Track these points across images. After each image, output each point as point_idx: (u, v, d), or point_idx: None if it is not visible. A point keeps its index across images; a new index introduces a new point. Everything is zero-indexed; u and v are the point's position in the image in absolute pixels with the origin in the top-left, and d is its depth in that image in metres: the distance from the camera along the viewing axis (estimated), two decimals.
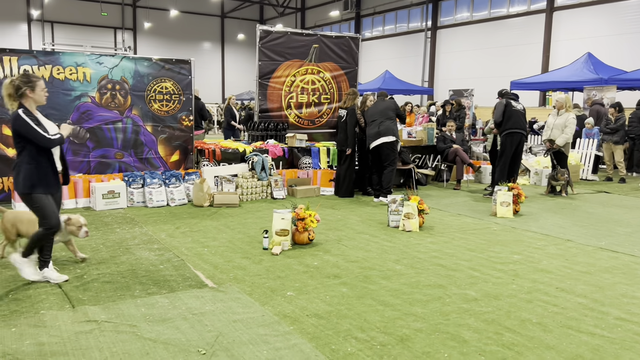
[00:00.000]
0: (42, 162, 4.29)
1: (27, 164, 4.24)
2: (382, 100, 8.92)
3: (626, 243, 6.22)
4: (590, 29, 19.51)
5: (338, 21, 32.93)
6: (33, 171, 4.25)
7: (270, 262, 5.29)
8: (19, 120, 4.18)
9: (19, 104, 4.25)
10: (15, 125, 4.20)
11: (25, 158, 4.24)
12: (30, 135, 4.18)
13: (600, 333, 3.70)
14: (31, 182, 4.25)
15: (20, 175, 4.25)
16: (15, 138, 4.26)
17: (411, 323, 3.84)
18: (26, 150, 4.24)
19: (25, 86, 4.23)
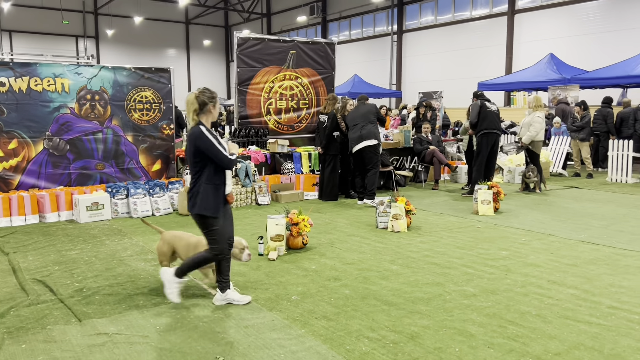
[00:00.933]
0: (219, 183, 4.10)
1: (205, 184, 4.04)
2: (363, 104, 9.06)
3: (604, 236, 6.52)
4: (550, 30, 20.22)
5: (305, 26, 33.10)
6: (210, 192, 4.05)
7: (269, 267, 5.34)
8: (203, 137, 3.97)
9: (198, 120, 4.07)
10: (197, 143, 3.98)
11: (203, 178, 4.05)
12: (212, 154, 3.97)
13: (597, 322, 3.91)
14: (209, 204, 4.05)
15: (198, 195, 4.04)
16: (194, 157, 4.04)
17: (417, 320, 3.96)
18: (206, 169, 4.04)
19: (210, 102, 4.08)
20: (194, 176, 4.09)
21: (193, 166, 4.07)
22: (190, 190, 4.11)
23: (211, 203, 4.04)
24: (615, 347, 3.48)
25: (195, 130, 4.00)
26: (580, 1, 19.31)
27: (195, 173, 4.07)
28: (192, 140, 4.00)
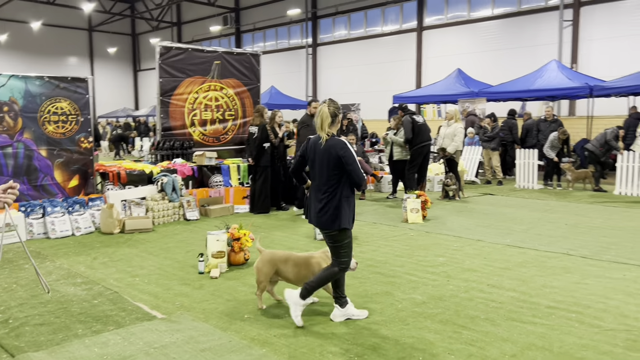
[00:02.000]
0: (351, 196, 4.04)
1: (345, 198, 3.96)
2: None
3: (526, 239, 6.98)
4: (456, 46, 21.50)
5: (218, 36, 32.63)
6: (347, 205, 3.98)
7: (213, 286, 5.13)
8: (348, 150, 3.89)
9: (332, 132, 4.01)
10: (342, 153, 3.87)
11: (342, 191, 3.94)
12: (352, 168, 3.88)
13: (540, 322, 4.15)
14: (349, 217, 3.98)
15: (339, 209, 3.92)
16: (335, 168, 3.91)
17: (376, 331, 3.98)
18: (342, 182, 3.94)
19: (339, 113, 4.06)
20: (328, 189, 3.95)
21: (329, 179, 3.94)
22: (326, 204, 3.94)
23: (350, 216, 4.01)
24: (563, 346, 3.70)
25: (339, 142, 3.92)
26: (480, 20, 20.75)
27: (331, 186, 3.94)
28: (334, 151, 3.88)
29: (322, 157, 3.94)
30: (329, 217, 3.94)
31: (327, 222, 3.96)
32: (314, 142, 4.08)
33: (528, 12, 19.41)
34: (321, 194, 3.98)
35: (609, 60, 17.27)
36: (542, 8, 19.02)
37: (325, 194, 3.95)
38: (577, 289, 4.90)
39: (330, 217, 3.94)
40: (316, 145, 4.03)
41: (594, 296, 4.69)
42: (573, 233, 7.27)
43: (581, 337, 3.83)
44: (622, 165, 10.82)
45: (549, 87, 14.24)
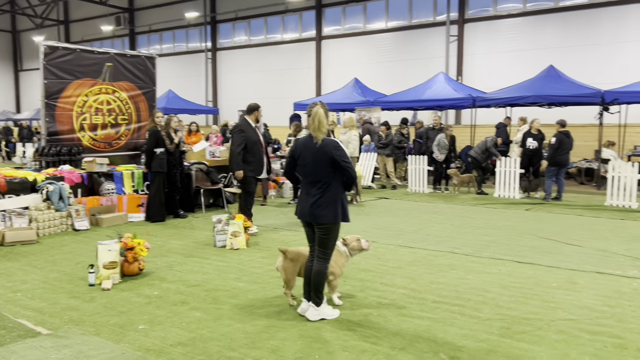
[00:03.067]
0: (343, 193, 4.32)
1: (341, 194, 4.27)
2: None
3: (417, 239, 7.43)
4: (353, 56, 22.29)
5: (110, 37, 31.04)
6: (342, 200, 4.28)
7: (104, 298, 4.91)
8: (342, 149, 4.23)
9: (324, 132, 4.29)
10: (336, 153, 4.17)
11: (336, 187, 4.23)
12: (347, 165, 4.20)
13: (427, 315, 4.45)
14: (347, 211, 4.30)
15: (337, 204, 4.22)
16: (329, 167, 4.20)
17: (275, 334, 4.05)
18: (336, 180, 4.23)
19: (327, 113, 4.35)
20: (322, 185, 4.23)
21: (324, 175, 4.22)
22: (320, 198, 4.21)
23: (347, 210, 4.32)
24: (446, 336, 4.01)
25: (333, 141, 4.26)
26: (375, 32, 21.70)
27: (325, 183, 4.22)
28: (328, 150, 4.18)
29: (317, 156, 4.24)
30: (327, 210, 4.21)
31: (327, 216, 4.22)
32: (305, 142, 4.37)
33: (418, 27, 20.63)
34: (315, 190, 4.25)
35: (489, 73, 18.84)
36: (431, 23, 20.31)
37: (320, 190, 4.24)
38: (460, 283, 5.32)
39: (329, 210, 4.22)
40: (308, 145, 4.31)
41: (474, 290, 5.12)
42: (458, 233, 7.85)
43: (462, 327, 4.17)
44: (501, 170, 11.86)
45: (437, 97, 15.25)
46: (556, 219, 9.07)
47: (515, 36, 18.62)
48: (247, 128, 7.65)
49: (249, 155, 7.58)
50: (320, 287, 4.31)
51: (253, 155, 7.61)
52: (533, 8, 18.27)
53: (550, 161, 11.08)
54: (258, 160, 7.67)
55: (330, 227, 4.25)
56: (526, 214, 9.55)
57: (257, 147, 7.67)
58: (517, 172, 11.63)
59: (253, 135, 7.65)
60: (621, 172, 10.39)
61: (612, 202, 10.45)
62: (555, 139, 11.02)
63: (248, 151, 7.56)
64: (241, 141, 7.51)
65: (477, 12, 19.36)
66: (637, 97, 12.68)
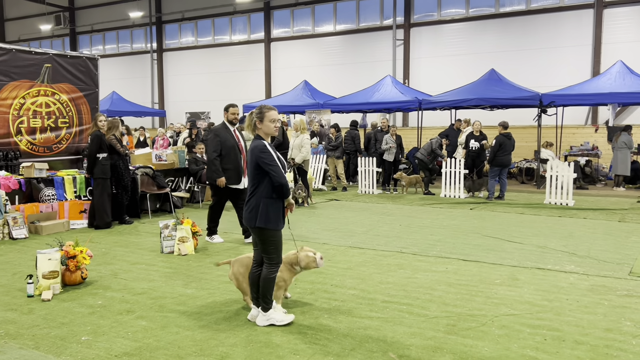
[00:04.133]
0: (276, 197, 4.16)
1: (266, 198, 4.13)
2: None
3: (366, 240, 7.52)
4: (302, 59, 22.35)
5: (49, 36, 29.79)
6: (267, 205, 4.13)
7: (44, 309, 4.70)
8: (267, 153, 4.13)
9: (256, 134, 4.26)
10: (260, 156, 4.11)
11: (262, 192, 4.14)
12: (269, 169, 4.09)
13: (376, 315, 4.51)
14: (267, 216, 4.11)
15: (258, 208, 4.13)
16: (256, 169, 4.14)
17: (224, 340, 4.00)
18: (263, 183, 4.14)
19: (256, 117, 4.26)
20: (251, 188, 4.22)
21: (252, 178, 4.19)
22: (248, 201, 4.22)
23: (270, 216, 4.13)
24: (395, 335, 4.08)
25: (260, 144, 4.17)
26: (324, 35, 21.84)
27: (252, 185, 4.20)
28: (255, 153, 4.15)
29: (249, 157, 4.26)
30: (248, 213, 4.22)
31: (248, 219, 4.23)
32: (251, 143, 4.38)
33: (366, 30, 20.93)
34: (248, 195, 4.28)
35: (434, 76, 19.35)
36: (378, 27, 20.65)
37: (249, 192, 4.25)
38: (408, 283, 5.43)
39: (250, 213, 4.20)
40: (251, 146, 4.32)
41: (421, 288, 5.23)
42: (406, 233, 8.01)
43: (410, 326, 4.26)
44: (447, 171, 12.19)
45: (385, 100, 15.52)
46: (499, 217, 9.41)
47: (458, 41, 19.22)
48: (221, 132, 7.02)
49: (224, 162, 6.98)
50: (267, 293, 4.22)
51: (229, 162, 6.99)
52: (475, 14, 18.91)
53: (491, 162, 11.50)
54: (235, 168, 7.02)
55: (260, 231, 4.18)
56: (471, 213, 9.85)
57: (234, 152, 7.00)
58: (462, 172, 11.99)
59: (229, 139, 7.01)
60: (559, 171, 10.91)
61: (551, 200, 10.95)
62: (495, 141, 11.45)
63: (223, 157, 6.96)
64: (215, 146, 6.94)
65: (422, 16, 19.85)
66: (572, 100, 13.35)
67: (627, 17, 16.63)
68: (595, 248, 6.97)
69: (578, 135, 17.04)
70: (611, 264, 6.15)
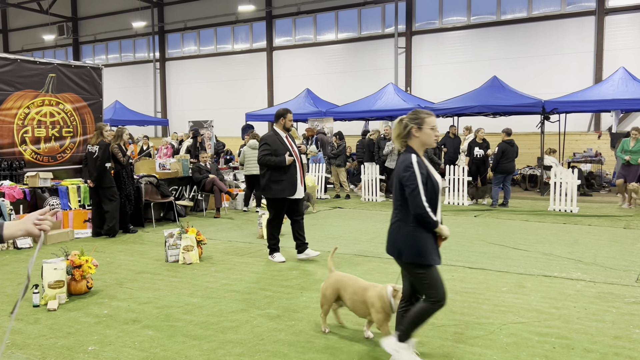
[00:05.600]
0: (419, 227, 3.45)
1: (412, 225, 3.42)
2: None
3: (371, 248, 7.51)
4: (304, 67, 22.41)
5: (53, 46, 29.96)
6: (417, 235, 3.41)
7: (50, 319, 4.69)
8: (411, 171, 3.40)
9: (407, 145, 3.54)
10: (403, 175, 3.43)
11: (409, 217, 3.42)
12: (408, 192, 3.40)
13: None
14: (415, 249, 3.40)
15: (403, 238, 3.44)
16: (398, 188, 3.49)
17: (231, 350, 3.98)
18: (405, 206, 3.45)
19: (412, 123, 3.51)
20: (396, 211, 3.55)
21: (396, 199, 3.53)
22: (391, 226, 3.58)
23: (423, 248, 3.42)
24: None
25: (405, 158, 3.49)
26: (326, 44, 21.92)
27: (396, 207, 3.54)
28: (398, 171, 3.51)
29: (395, 174, 3.55)
30: (391, 240, 3.56)
31: (389, 245, 3.59)
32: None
33: (368, 38, 21.00)
34: (392, 217, 3.60)
35: (436, 84, 19.38)
36: (380, 35, 20.72)
37: (393, 215, 3.57)
38: None
39: (394, 241, 3.52)
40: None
41: None
42: None
43: (417, 335, 4.23)
44: (449, 178, 12.17)
45: (387, 107, 15.54)
46: (503, 224, 9.39)
47: (460, 48, 19.27)
48: (273, 140, 6.53)
49: (277, 173, 6.48)
50: (415, 325, 3.56)
51: (282, 171, 6.50)
52: (477, 21, 18.97)
53: (494, 169, 11.49)
54: (288, 177, 6.50)
55: (407, 266, 3.50)
56: (475, 221, 9.83)
57: None
58: (465, 179, 11.97)
59: (281, 147, 6.53)
60: (562, 178, 10.89)
61: (555, 207, 10.92)
62: (498, 149, 11.45)
63: (275, 168, 6.51)
64: (265, 152, 6.50)
65: (424, 24, 19.92)
66: (575, 107, 13.35)
67: (628, 24, 16.67)
68: (601, 255, 6.94)
69: (581, 142, 17.03)
70: (618, 271, 6.12)
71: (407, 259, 3.43)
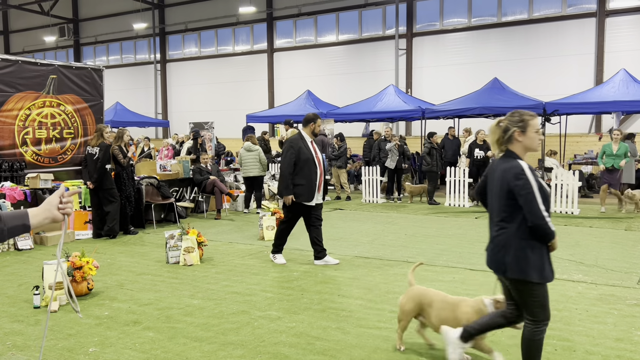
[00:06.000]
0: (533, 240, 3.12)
1: (522, 239, 3.10)
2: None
3: (372, 250, 7.50)
4: (305, 69, 22.43)
5: (54, 48, 30.00)
6: (528, 250, 3.08)
7: (51, 320, 4.68)
8: (522, 178, 3.09)
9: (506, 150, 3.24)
10: (515, 183, 3.09)
11: (517, 228, 3.11)
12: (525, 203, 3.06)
13: (384, 326, 4.48)
14: (529, 264, 3.08)
15: (511, 253, 3.11)
16: (504, 198, 3.15)
17: (232, 352, 3.97)
18: (517, 219, 3.12)
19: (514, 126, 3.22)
20: (500, 223, 3.21)
21: (502, 210, 3.19)
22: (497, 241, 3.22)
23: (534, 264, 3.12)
24: (406, 346, 4.04)
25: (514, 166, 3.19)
26: (327, 45, 21.94)
27: (503, 220, 3.19)
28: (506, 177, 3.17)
29: (497, 182, 3.25)
30: (493, 255, 3.24)
31: (491, 260, 3.26)
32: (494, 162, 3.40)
33: (368, 40, 21.02)
34: (492, 228, 3.28)
35: (437, 85, 19.38)
36: (381, 37, 20.74)
37: (495, 228, 3.24)
38: None
39: (498, 257, 3.20)
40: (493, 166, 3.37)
41: None
42: (411, 242, 7.98)
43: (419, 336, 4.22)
44: (451, 179, 12.17)
45: (388, 109, 15.54)
46: None
47: (461, 50, 19.28)
48: (298, 143, 6.46)
49: (298, 177, 6.42)
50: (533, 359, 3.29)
51: (303, 177, 6.42)
52: (477, 23, 18.98)
53: None
54: (308, 183, 6.44)
55: (515, 283, 3.16)
56: (476, 222, 9.82)
57: (309, 166, 6.43)
58: (466, 181, 11.97)
59: (305, 152, 6.46)
60: (563, 180, 10.88)
61: (556, 209, 10.91)
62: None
63: (296, 171, 6.43)
64: (290, 159, 6.40)
65: (424, 26, 19.93)
66: (576, 109, 13.35)
67: (629, 26, 16.68)
68: (602, 257, 6.93)
69: (582, 144, 17.03)
70: (619, 273, 6.11)
71: (520, 275, 3.09)
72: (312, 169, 6.45)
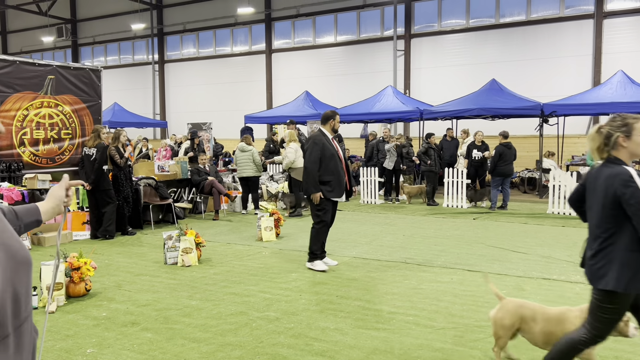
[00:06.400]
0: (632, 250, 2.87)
1: (629, 251, 2.84)
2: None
3: (370, 251, 7.50)
4: (304, 70, 22.44)
5: (51, 48, 29.97)
6: (632, 263, 2.84)
7: (49, 321, 4.67)
8: (632, 185, 2.79)
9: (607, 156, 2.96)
10: (622, 191, 2.80)
11: (623, 240, 2.85)
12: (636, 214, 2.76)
13: (382, 327, 4.48)
14: (628, 277, 2.83)
15: (615, 265, 2.85)
16: (609, 208, 2.87)
17: (230, 352, 3.97)
18: (625, 229, 2.84)
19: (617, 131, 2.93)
20: (602, 234, 2.96)
21: (604, 220, 2.94)
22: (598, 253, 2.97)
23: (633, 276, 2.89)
24: (403, 347, 4.05)
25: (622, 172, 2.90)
26: (325, 46, 21.95)
27: (606, 230, 2.93)
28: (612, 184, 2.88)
29: (599, 192, 2.99)
30: (592, 267, 3.00)
31: (595, 275, 2.99)
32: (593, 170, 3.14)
33: (367, 41, 21.03)
34: (592, 240, 3.06)
35: (435, 86, 19.40)
36: (379, 38, 20.75)
37: (598, 240, 3.00)
38: (414, 293, 5.40)
39: (597, 269, 2.96)
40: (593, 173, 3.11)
41: (427, 299, 5.20)
42: (410, 243, 7.98)
43: (417, 337, 4.23)
44: (449, 180, 12.18)
45: (386, 110, 15.55)
46: (502, 227, 9.39)
47: (459, 51, 19.30)
48: (321, 140, 6.39)
49: (326, 174, 6.31)
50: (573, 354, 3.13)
51: (330, 172, 6.32)
52: (475, 24, 19.01)
53: (492, 172, 11.51)
54: (336, 179, 6.36)
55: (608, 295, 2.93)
56: (474, 223, 9.83)
57: (334, 162, 6.34)
58: (464, 182, 11.98)
59: (329, 148, 6.38)
60: (561, 181, 10.90)
61: (554, 210, 10.93)
62: (495, 151, 11.47)
63: (323, 168, 6.32)
64: (315, 156, 6.28)
65: (422, 27, 19.95)
66: (574, 110, 13.37)
67: (627, 27, 16.72)
68: None
69: (580, 145, 17.05)
70: None
71: (627, 289, 2.85)
72: (338, 164, 6.37)
